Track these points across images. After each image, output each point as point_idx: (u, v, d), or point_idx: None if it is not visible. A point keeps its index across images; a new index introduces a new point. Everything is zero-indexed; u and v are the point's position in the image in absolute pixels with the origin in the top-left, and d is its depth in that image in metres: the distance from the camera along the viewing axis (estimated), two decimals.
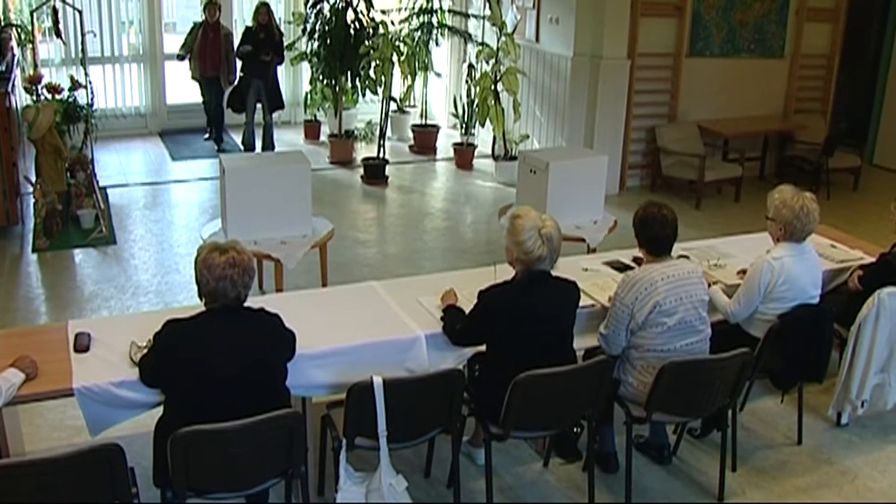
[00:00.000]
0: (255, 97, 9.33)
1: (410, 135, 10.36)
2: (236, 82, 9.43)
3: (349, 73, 9.25)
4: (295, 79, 10.94)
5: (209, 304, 3.13)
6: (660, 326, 3.70)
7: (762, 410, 4.70)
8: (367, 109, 10.57)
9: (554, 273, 3.59)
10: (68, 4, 8.04)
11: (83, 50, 7.89)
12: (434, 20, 9.68)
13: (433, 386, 3.40)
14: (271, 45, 9.10)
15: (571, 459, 4.16)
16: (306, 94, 10.14)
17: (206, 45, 9.29)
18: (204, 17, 9.30)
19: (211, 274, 3.05)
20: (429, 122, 10.48)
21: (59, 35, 8.30)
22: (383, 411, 3.25)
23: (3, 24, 8.28)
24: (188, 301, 5.65)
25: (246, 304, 3.17)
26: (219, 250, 3.09)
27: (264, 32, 9.04)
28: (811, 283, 4.15)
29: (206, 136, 10.05)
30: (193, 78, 9.61)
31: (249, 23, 9.44)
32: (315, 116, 10.39)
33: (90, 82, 7.64)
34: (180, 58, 9.51)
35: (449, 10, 9.93)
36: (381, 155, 9.00)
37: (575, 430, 4.14)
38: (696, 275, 3.82)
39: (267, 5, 9.17)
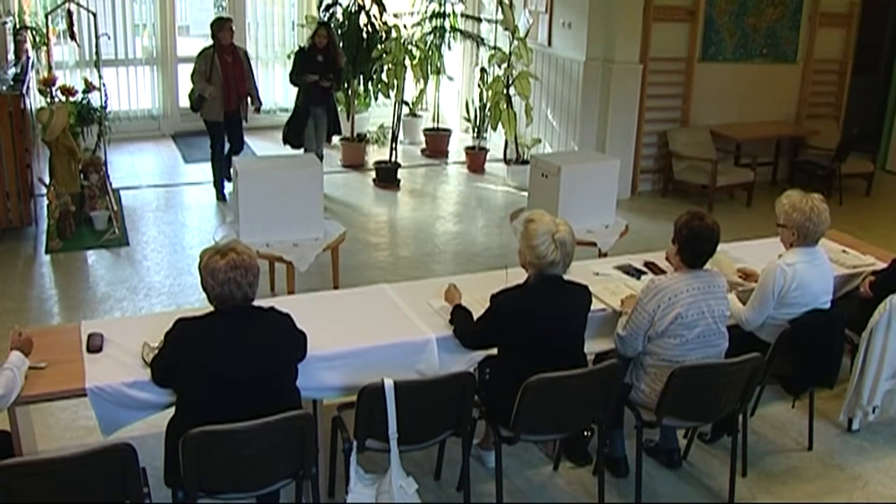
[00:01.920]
0: (313, 127, 8.19)
1: (422, 138, 10.37)
2: (291, 113, 8.30)
3: (361, 76, 9.30)
4: None
5: (219, 307, 3.14)
6: (679, 338, 3.68)
7: (773, 415, 4.68)
8: (379, 113, 10.59)
9: (565, 277, 3.60)
10: (83, 7, 8.10)
11: (97, 52, 7.93)
12: (446, 24, 9.69)
13: (444, 389, 3.40)
14: (333, 70, 8.07)
15: (581, 463, 4.16)
16: None
17: (227, 72, 7.60)
18: (215, 42, 7.61)
19: (214, 279, 3.05)
20: (441, 125, 10.49)
21: (73, 38, 8.35)
22: (394, 413, 3.26)
23: (18, 26, 8.34)
24: (200, 303, 5.62)
25: (256, 304, 3.18)
26: (219, 254, 3.08)
27: (322, 55, 7.99)
28: (823, 289, 4.13)
29: (222, 188, 8.17)
30: (209, 120, 7.81)
31: (304, 43, 8.58)
32: None
33: (104, 85, 7.68)
34: (196, 105, 7.73)
35: (461, 14, 9.94)
36: (393, 158, 9.01)
37: (585, 433, 4.13)
38: (720, 288, 3.78)
39: (327, 26, 8.26)
